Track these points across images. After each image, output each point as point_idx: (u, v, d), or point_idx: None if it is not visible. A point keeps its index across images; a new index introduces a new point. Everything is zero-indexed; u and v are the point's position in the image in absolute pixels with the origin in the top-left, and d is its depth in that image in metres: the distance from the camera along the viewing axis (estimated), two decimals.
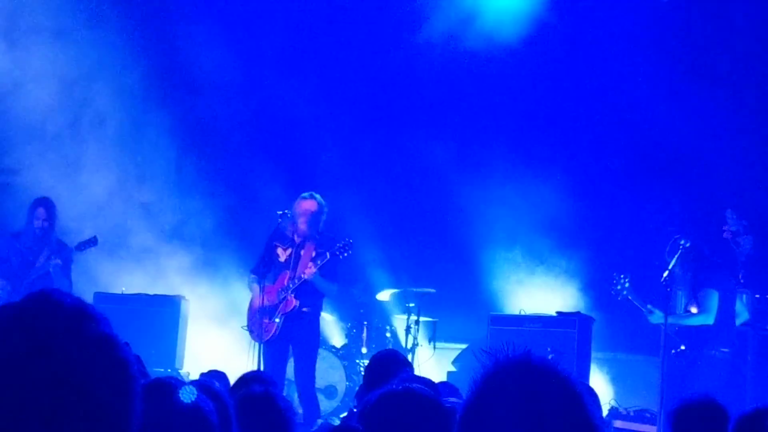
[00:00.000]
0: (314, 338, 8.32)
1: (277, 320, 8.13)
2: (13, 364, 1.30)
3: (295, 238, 8.25)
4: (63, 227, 10.48)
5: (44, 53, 10.66)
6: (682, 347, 8.14)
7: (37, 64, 10.63)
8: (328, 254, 8.03)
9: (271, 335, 8.16)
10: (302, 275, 8.06)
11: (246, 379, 4.13)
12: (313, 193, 8.35)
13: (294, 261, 8.23)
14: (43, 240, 8.72)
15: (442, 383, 5.03)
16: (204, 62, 11.45)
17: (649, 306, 8.03)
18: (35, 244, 8.72)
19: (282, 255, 8.26)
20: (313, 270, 8.02)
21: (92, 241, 8.71)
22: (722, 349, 7.97)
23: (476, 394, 1.64)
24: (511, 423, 1.59)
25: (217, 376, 4.81)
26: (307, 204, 8.24)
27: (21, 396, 1.29)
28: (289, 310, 8.14)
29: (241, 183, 11.71)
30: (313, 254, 8.14)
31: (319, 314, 8.41)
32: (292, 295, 8.14)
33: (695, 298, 8.01)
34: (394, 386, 2.80)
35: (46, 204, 8.82)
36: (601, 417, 5.35)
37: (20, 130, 10.70)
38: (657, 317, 8.04)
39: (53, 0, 10.73)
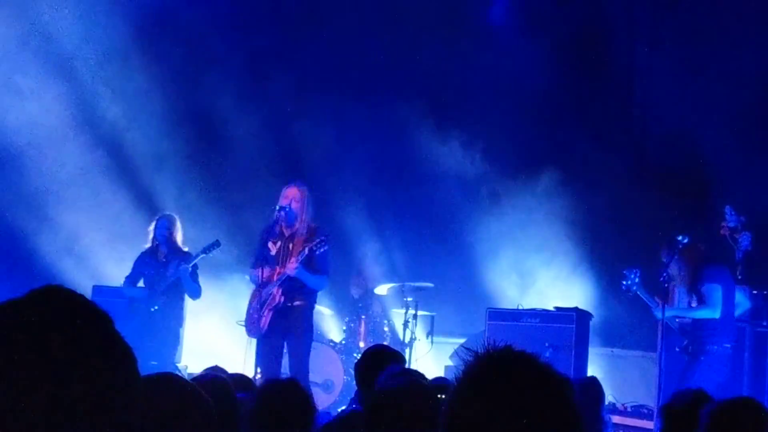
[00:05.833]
0: (307, 332, 8.26)
1: (264, 315, 8.11)
2: (12, 360, 1.29)
3: (284, 231, 8.23)
4: (66, 227, 10.69)
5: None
6: (686, 343, 8.13)
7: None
8: (306, 250, 8.01)
9: (259, 330, 8.14)
10: (286, 272, 8.05)
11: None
12: (297, 181, 8.32)
13: (283, 255, 8.21)
14: (171, 251, 9.20)
15: (438, 378, 5.03)
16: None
17: (657, 299, 8.01)
18: (165, 256, 9.23)
19: (272, 249, 8.25)
20: (295, 266, 8.00)
21: (216, 244, 9.12)
22: (725, 344, 7.96)
23: (459, 386, 1.65)
24: (494, 414, 1.60)
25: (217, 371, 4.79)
26: (290, 191, 8.21)
27: (20, 393, 1.28)
28: (275, 304, 8.11)
29: (241, 179, 11.71)
30: (301, 248, 8.10)
31: (311, 307, 8.35)
32: (279, 291, 8.11)
33: (696, 293, 8.00)
34: (394, 381, 2.81)
35: (170, 219, 9.34)
36: (600, 411, 5.31)
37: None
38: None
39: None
